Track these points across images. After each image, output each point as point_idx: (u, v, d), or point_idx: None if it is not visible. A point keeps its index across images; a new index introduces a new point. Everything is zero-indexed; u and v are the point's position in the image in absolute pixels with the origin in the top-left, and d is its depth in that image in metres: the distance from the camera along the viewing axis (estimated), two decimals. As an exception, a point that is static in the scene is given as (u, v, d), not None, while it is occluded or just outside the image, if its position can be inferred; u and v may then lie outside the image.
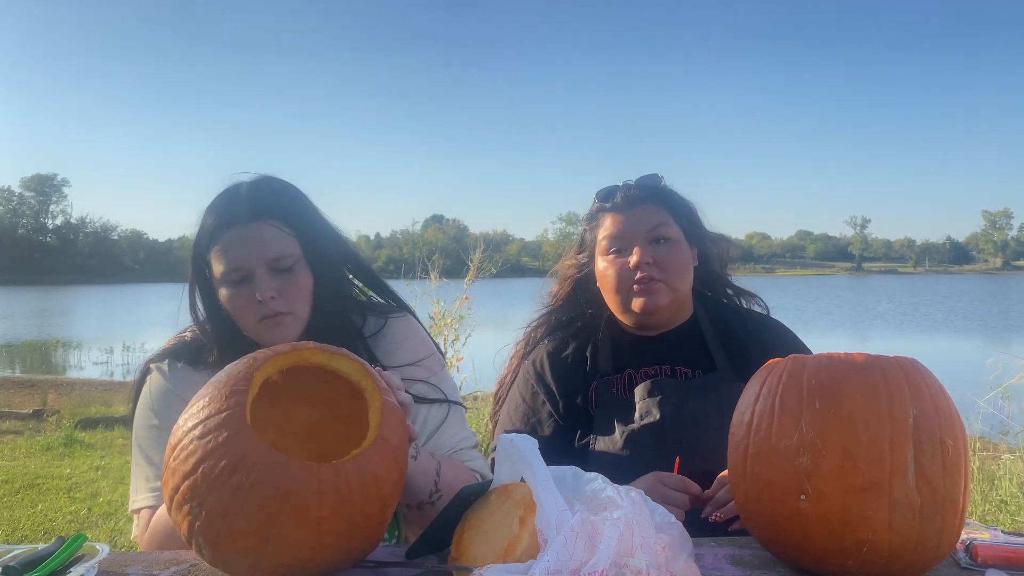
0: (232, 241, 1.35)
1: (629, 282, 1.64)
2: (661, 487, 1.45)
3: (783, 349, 1.70)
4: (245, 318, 1.38)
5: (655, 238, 1.65)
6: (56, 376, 13.29)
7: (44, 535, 4.37)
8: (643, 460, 1.54)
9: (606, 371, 1.70)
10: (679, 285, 1.66)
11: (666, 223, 1.67)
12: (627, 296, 1.66)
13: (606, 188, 1.74)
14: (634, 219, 1.67)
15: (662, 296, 1.64)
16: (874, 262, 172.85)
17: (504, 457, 1.04)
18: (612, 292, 1.68)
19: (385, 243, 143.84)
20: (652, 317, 1.67)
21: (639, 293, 1.64)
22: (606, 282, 1.69)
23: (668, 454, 1.52)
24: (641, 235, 1.65)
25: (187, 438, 0.99)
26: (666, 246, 1.65)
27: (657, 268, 1.63)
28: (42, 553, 1.05)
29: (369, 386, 1.09)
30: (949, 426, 1.01)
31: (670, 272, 1.64)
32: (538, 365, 1.76)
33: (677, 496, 1.44)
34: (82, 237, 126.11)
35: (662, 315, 1.68)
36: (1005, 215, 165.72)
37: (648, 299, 1.63)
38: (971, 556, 1.11)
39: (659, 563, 0.88)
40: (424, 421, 1.47)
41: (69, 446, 6.63)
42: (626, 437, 1.58)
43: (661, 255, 1.64)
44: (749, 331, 1.72)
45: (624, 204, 1.69)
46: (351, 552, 1.03)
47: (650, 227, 1.66)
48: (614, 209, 1.70)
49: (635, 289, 1.64)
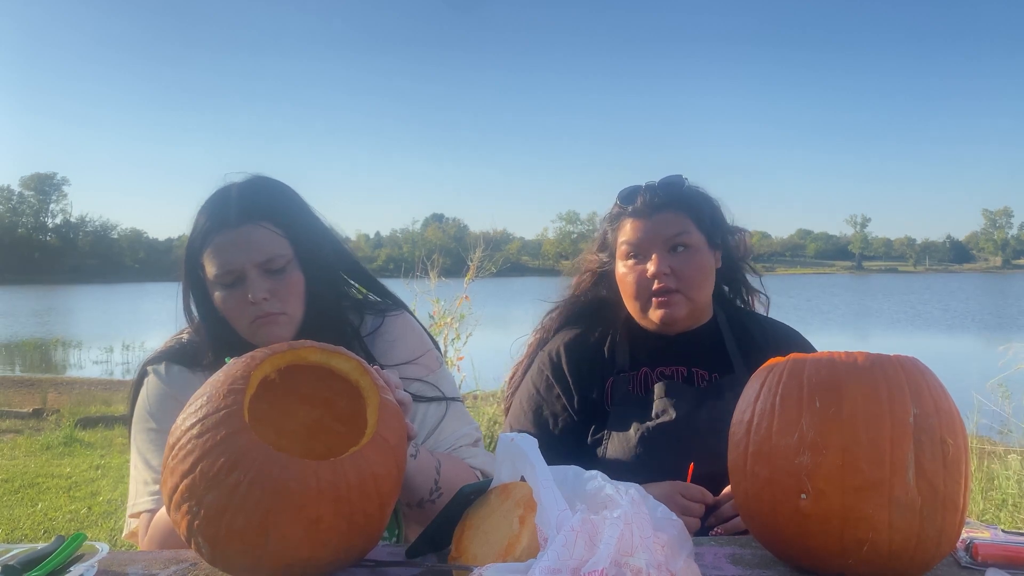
0: (223, 243, 1.35)
1: (647, 291, 1.63)
2: (680, 498, 1.44)
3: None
4: (238, 319, 1.38)
5: (674, 246, 1.63)
6: (56, 375, 13.30)
7: (44, 534, 4.37)
8: (656, 459, 1.53)
9: (623, 367, 1.68)
10: (697, 295, 1.64)
11: (687, 231, 1.64)
12: (645, 304, 1.64)
13: (628, 189, 1.70)
14: (653, 226, 1.63)
15: (680, 308, 1.62)
16: (874, 261, 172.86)
17: (504, 456, 1.04)
18: (631, 298, 1.67)
19: (385, 242, 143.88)
20: (670, 328, 1.66)
21: (658, 306, 1.62)
22: (625, 287, 1.67)
23: (682, 454, 1.51)
24: (659, 243, 1.62)
25: (185, 437, 0.98)
26: (685, 254, 1.63)
27: (675, 278, 1.61)
28: (42, 552, 1.05)
29: (367, 385, 1.08)
30: (949, 425, 1.01)
31: (688, 282, 1.62)
32: (555, 356, 1.73)
33: (695, 507, 1.44)
34: (82, 236, 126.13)
35: (680, 324, 1.67)
36: (1005, 214, 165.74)
37: (667, 312, 1.62)
38: (971, 555, 1.10)
39: (659, 562, 0.88)
40: (423, 419, 1.47)
41: (69, 445, 6.62)
42: (640, 435, 1.57)
43: (679, 264, 1.61)
44: (767, 337, 1.71)
45: (645, 210, 1.65)
46: (350, 551, 1.02)
47: (669, 235, 1.63)
48: (635, 214, 1.67)
49: (654, 301, 1.62)
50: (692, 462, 1.49)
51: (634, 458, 1.55)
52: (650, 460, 1.54)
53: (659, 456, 1.54)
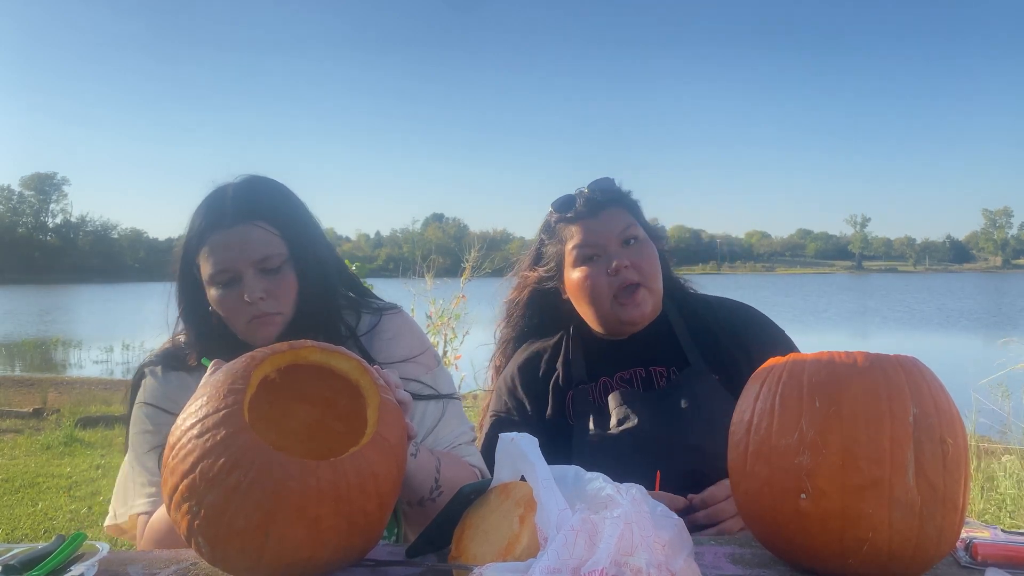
0: (219, 243, 1.35)
1: (610, 290, 1.62)
2: None
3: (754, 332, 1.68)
4: (235, 319, 1.38)
5: (626, 239, 1.63)
6: (56, 375, 13.31)
7: (44, 534, 4.36)
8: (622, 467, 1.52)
9: (580, 379, 1.67)
10: (656, 286, 1.65)
11: (632, 224, 1.65)
12: (611, 307, 1.63)
13: (562, 198, 1.70)
14: (602, 224, 1.64)
15: (646, 304, 1.62)
16: (874, 261, 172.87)
17: (504, 456, 1.04)
18: (590, 303, 1.65)
19: (385, 242, 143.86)
20: (636, 327, 1.65)
21: (624, 305, 1.61)
22: (583, 293, 1.65)
23: (650, 457, 1.51)
24: (612, 239, 1.63)
25: (185, 437, 0.99)
26: (638, 247, 1.63)
27: (635, 271, 1.61)
28: (42, 552, 1.05)
29: (367, 384, 1.09)
30: (949, 425, 1.01)
31: (646, 273, 1.62)
32: (510, 381, 1.74)
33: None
34: (82, 236, 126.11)
35: (646, 320, 1.66)
36: (1005, 214, 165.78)
37: (635, 310, 1.61)
38: (971, 555, 1.10)
39: (659, 562, 0.88)
40: (422, 417, 1.47)
41: (69, 445, 6.62)
42: (605, 444, 1.57)
43: (636, 257, 1.62)
44: (718, 319, 1.70)
45: (588, 211, 1.66)
46: (350, 550, 1.03)
47: (619, 230, 1.63)
48: (578, 218, 1.66)
49: (620, 301, 1.61)
50: (658, 469, 1.48)
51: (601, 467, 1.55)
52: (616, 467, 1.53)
53: (625, 463, 1.52)
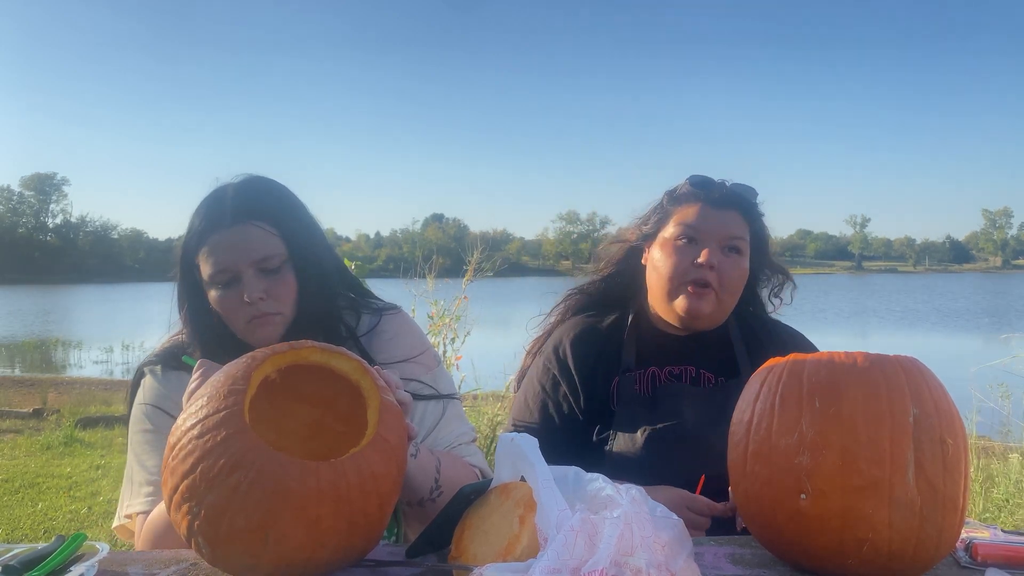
0: (219, 243, 1.35)
1: (685, 277, 1.59)
2: (686, 512, 1.42)
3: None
4: (234, 319, 1.38)
5: (730, 246, 1.61)
6: (56, 375, 13.30)
7: (44, 534, 4.37)
8: (663, 462, 1.52)
9: (629, 366, 1.66)
10: (729, 300, 1.63)
11: (743, 237, 1.63)
12: (676, 289, 1.61)
13: (703, 176, 1.67)
14: (719, 219, 1.62)
15: (708, 305, 1.60)
16: (874, 261, 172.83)
17: (504, 456, 1.04)
18: (662, 280, 1.62)
19: (385, 242, 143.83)
20: (690, 322, 1.64)
21: (690, 295, 1.59)
22: (660, 269, 1.63)
23: (689, 457, 1.50)
24: (718, 237, 1.60)
25: (185, 437, 0.99)
26: (735, 259, 1.61)
27: (716, 276, 1.59)
28: (42, 552, 1.05)
29: (368, 385, 1.09)
30: (949, 425, 1.01)
31: (726, 285, 1.60)
32: (561, 353, 1.70)
33: (703, 521, 1.43)
34: (82, 236, 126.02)
35: (700, 322, 1.64)
36: (1005, 214, 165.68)
37: (695, 303, 1.59)
38: (971, 555, 1.11)
39: (659, 562, 0.88)
40: (422, 417, 1.47)
41: (69, 445, 6.62)
42: (647, 437, 1.55)
43: (727, 265, 1.60)
44: (774, 340, 1.70)
45: (716, 201, 1.63)
46: (350, 551, 1.03)
47: (730, 234, 1.61)
48: (705, 200, 1.64)
49: (689, 289, 1.59)
50: (703, 473, 1.47)
51: (640, 460, 1.54)
52: (656, 462, 1.52)
53: (665, 458, 1.52)
